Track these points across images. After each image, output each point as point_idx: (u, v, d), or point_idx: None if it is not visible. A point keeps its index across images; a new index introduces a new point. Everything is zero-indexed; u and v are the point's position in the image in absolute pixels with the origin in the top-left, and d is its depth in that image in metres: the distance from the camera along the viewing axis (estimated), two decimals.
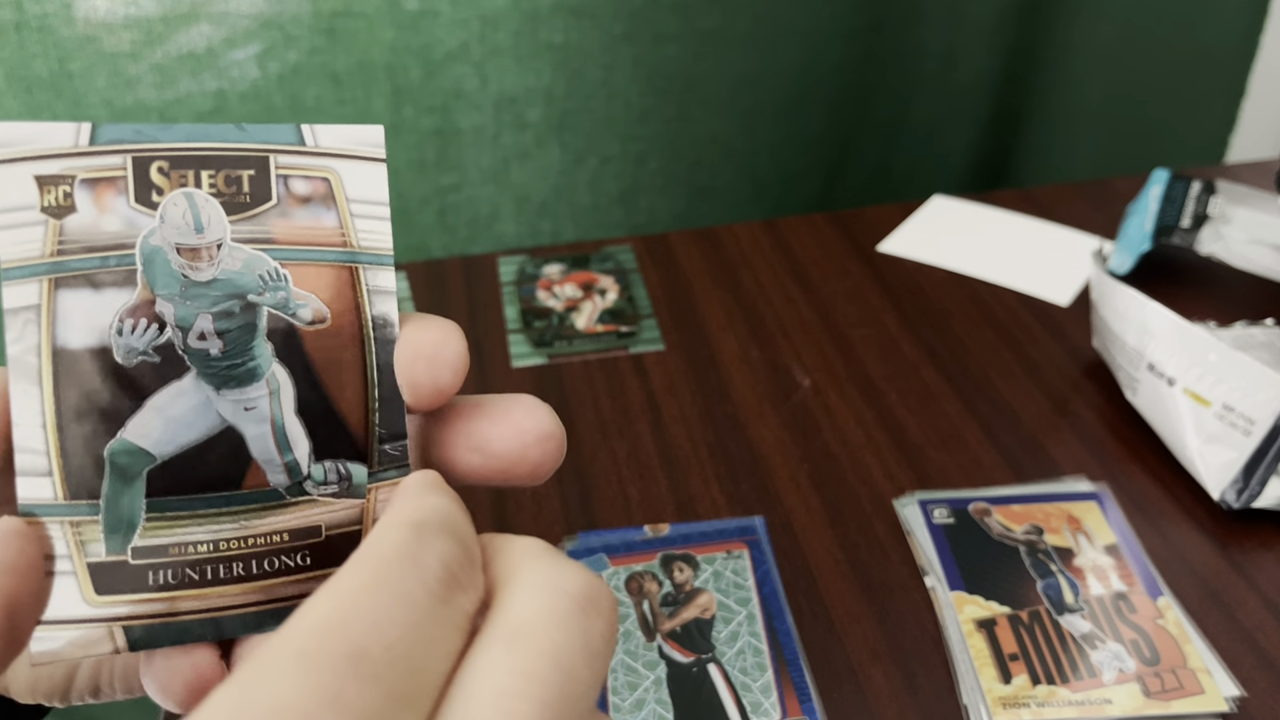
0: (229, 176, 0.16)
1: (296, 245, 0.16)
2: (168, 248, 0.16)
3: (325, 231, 0.16)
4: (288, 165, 0.16)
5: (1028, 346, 0.50)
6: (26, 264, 0.15)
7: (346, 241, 0.16)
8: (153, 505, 0.16)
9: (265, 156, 0.16)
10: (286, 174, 0.16)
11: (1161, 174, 0.56)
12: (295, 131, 0.16)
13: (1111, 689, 0.34)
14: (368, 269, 0.16)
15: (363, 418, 0.16)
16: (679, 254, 0.57)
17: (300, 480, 0.16)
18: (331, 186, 0.16)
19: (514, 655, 0.13)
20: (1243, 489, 0.39)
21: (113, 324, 0.15)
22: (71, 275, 0.15)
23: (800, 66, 0.67)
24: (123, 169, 0.15)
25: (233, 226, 0.16)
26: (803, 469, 0.43)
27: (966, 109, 0.77)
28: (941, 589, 0.37)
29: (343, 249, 0.16)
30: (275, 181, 0.16)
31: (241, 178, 0.16)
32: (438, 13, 0.56)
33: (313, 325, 0.16)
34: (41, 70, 0.52)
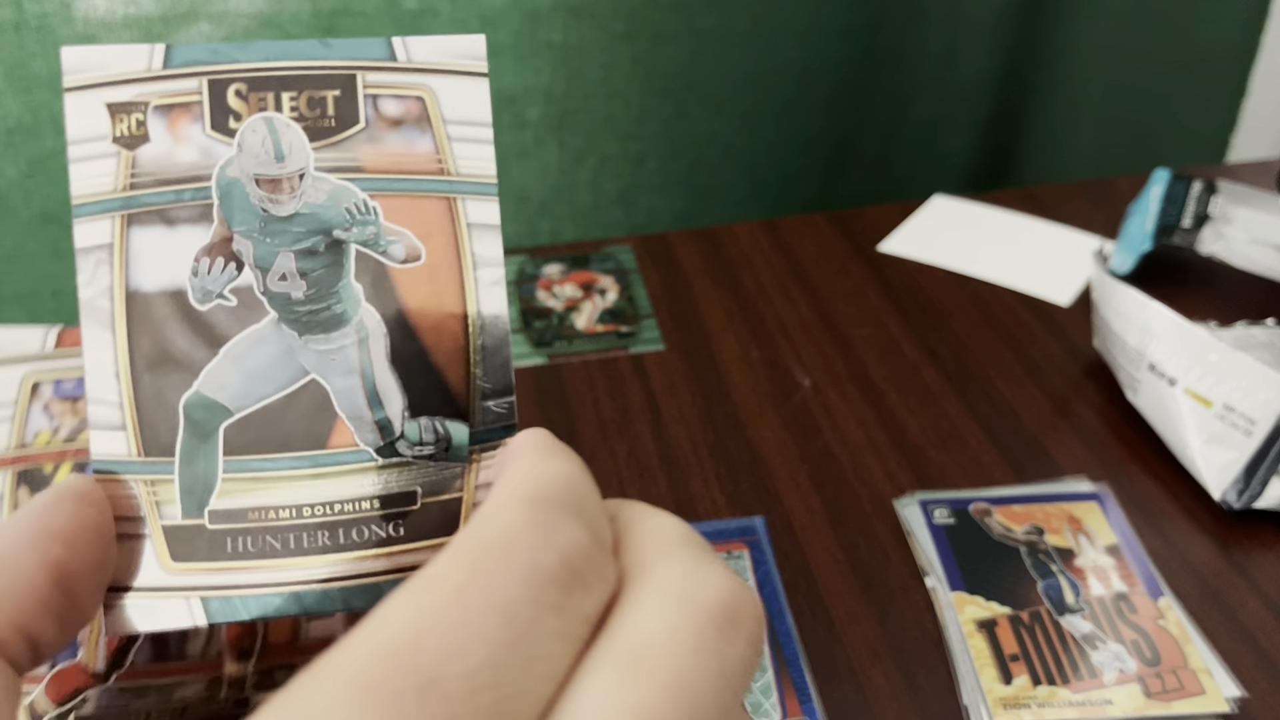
0: (312, 98, 0.14)
1: (388, 174, 0.14)
2: (246, 179, 0.14)
3: (420, 158, 0.14)
4: (377, 84, 0.14)
5: (1028, 346, 0.50)
6: (98, 199, 0.14)
7: (444, 169, 0.14)
8: (231, 465, 0.14)
9: (352, 75, 0.14)
10: (376, 94, 0.14)
11: (1162, 174, 0.56)
12: (385, 45, 0.14)
13: (1112, 690, 0.34)
14: (468, 200, 0.14)
15: (464, 370, 0.14)
16: (679, 254, 0.57)
17: (393, 440, 0.14)
18: (426, 106, 0.14)
19: (628, 685, 0.10)
20: (1244, 489, 0.39)
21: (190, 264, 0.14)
22: (145, 211, 0.14)
23: (800, 66, 0.67)
24: (198, 93, 0.14)
25: (316, 154, 0.14)
26: (803, 469, 0.43)
27: (967, 108, 0.77)
28: (942, 589, 0.37)
29: (440, 177, 0.14)
30: (363, 103, 0.14)
31: (326, 99, 0.14)
32: (437, 12, 0.56)
33: (406, 264, 0.14)
34: (40, 69, 0.51)
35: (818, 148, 0.72)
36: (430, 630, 0.10)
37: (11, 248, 0.56)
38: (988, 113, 0.78)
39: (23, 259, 0.56)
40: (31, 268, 0.57)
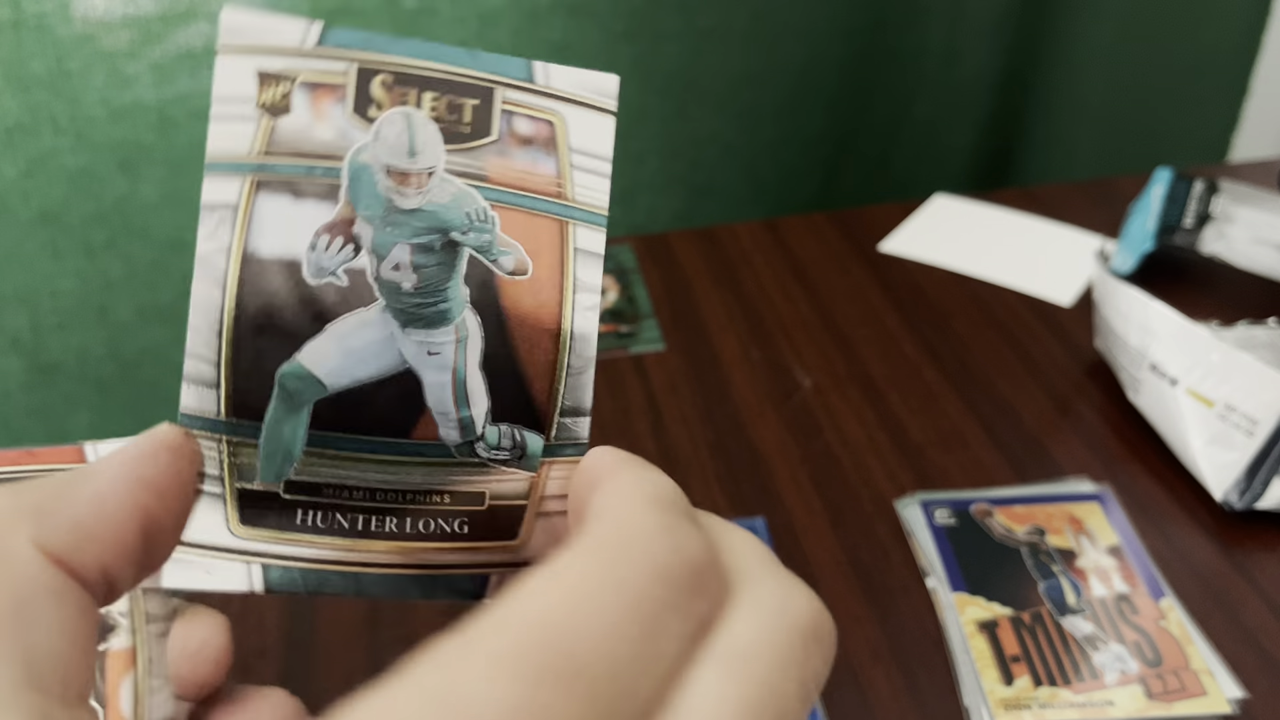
0: (452, 103, 0.15)
1: (510, 188, 0.15)
2: (377, 167, 0.15)
3: (542, 179, 0.15)
4: (514, 101, 0.15)
5: (1030, 347, 0.50)
6: (232, 160, 0.14)
7: (562, 193, 0.15)
8: (314, 439, 0.15)
9: (491, 88, 0.15)
10: (511, 110, 0.15)
11: (1164, 173, 0.56)
12: (526, 67, 0.15)
13: (1114, 690, 0.33)
14: (579, 226, 0.15)
15: (548, 385, 0.15)
16: (679, 253, 0.57)
17: (472, 440, 0.15)
18: (555, 131, 0.15)
19: (733, 683, 0.11)
20: (1245, 490, 0.39)
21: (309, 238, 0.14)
22: (275, 179, 0.14)
23: (800, 65, 0.67)
24: (345, 76, 0.14)
25: (447, 156, 0.15)
26: (804, 469, 0.43)
27: (968, 108, 0.76)
28: (943, 590, 0.37)
29: (557, 200, 0.15)
30: (498, 116, 0.15)
31: (464, 106, 0.15)
32: (436, 11, 0.56)
33: (513, 276, 0.15)
34: (39, 69, 0.51)
35: (818, 147, 0.72)
36: (578, 615, 0.11)
37: (10, 247, 0.56)
38: (989, 112, 0.78)
39: (21, 258, 0.56)
40: (30, 267, 0.56)
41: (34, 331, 0.58)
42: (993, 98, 0.77)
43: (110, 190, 0.55)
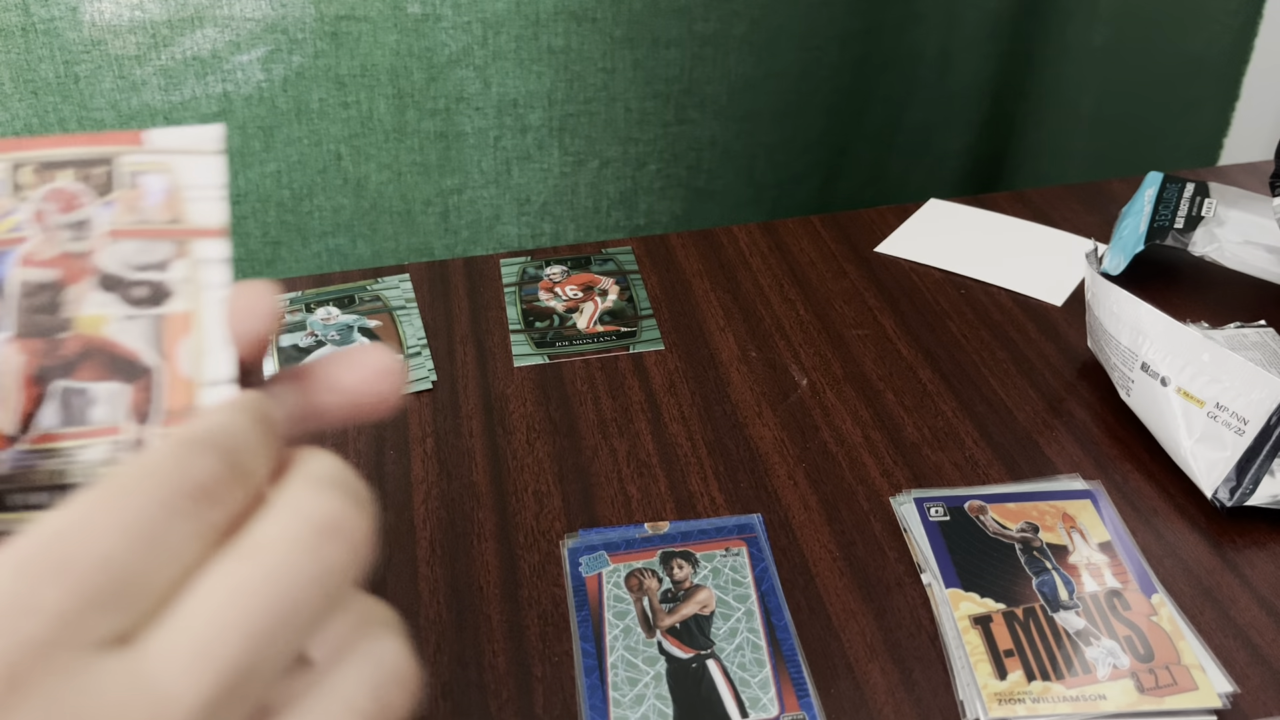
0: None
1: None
2: None
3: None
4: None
5: (1023, 347, 0.50)
6: None
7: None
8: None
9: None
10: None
11: (1155, 176, 0.56)
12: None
13: (1106, 685, 0.34)
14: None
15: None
16: (678, 255, 0.57)
17: None
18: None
19: (239, 569, 0.14)
20: (1236, 487, 0.40)
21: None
22: None
23: (798, 71, 0.68)
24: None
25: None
26: (800, 467, 0.43)
27: (962, 112, 0.77)
28: (937, 586, 0.37)
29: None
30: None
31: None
32: (440, 17, 0.57)
33: None
34: (48, 73, 0.52)
35: (815, 151, 0.73)
36: (73, 524, 0.14)
37: None
38: (982, 117, 0.78)
39: None
40: None
41: None
42: (986, 103, 0.78)
43: None
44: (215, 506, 0.15)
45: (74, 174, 0.19)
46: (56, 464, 0.18)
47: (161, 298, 0.19)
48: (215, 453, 0.15)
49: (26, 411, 0.18)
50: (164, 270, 0.19)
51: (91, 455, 0.18)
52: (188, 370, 0.19)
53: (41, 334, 0.19)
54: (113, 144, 0.19)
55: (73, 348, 0.19)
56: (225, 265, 0.19)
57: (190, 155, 0.19)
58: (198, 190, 0.19)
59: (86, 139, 0.19)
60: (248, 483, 0.15)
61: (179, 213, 0.19)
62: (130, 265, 0.19)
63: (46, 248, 0.19)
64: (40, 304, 0.19)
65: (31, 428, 0.18)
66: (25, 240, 0.19)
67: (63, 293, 0.19)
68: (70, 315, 0.19)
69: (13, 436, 0.18)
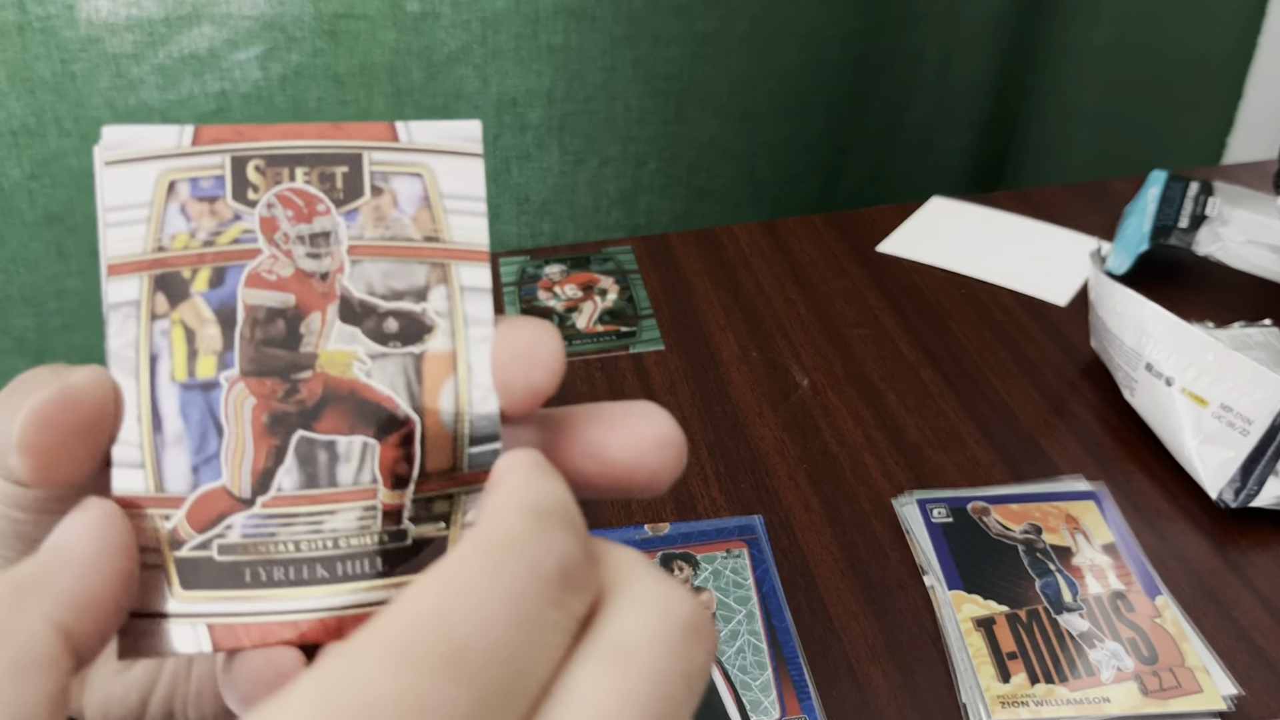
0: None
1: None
2: None
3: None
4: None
5: (1025, 347, 0.50)
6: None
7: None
8: None
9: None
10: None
11: (1159, 175, 0.56)
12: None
13: (1109, 688, 0.34)
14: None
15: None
16: (678, 255, 0.57)
17: None
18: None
19: (617, 674, 0.12)
20: (1240, 488, 0.39)
21: None
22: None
23: (798, 69, 0.68)
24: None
25: None
26: (801, 468, 0.43)
27: (964, 111, 0.77)
28: (940, 588, 0.37)
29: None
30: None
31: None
32: (439, 15, 0.56)
33: None
34: (45, 72, 0.52)
35: (816, 150, 0.73)
36: (459, 608, 0.12)
37: (16, 248, 0.56)
38: (985, 115, 0.78)
39: (27, 259, 0.57)
40: (36, 268, 0.57)
41: (39, 332, 0.59)
42: (988, 101, 0.77)
43: None
44: (578, 594, 0.13)
45: (309, 173, 0.16)
46: (298, 533, 0.15)
47: (418, 333, 0.16)
48: (572, 531, 0.13)
49: (261, 468, 0.15)
50: (421, 299, 0.16)
51: (340, 524, 0.15)
52: (449, 424, 0.15)
53: (276, 373, 0.15)
54: (359, 137, 0.16)
55: (314, 391, 0.15)
56: (489, 295, 0.16)
57: (449, 156, 0.16)
58: (458, 200, 0.16)
59: (324, 129, 0.16)
60: (597, 567, 0.13)
61: (436, 228, 0.16)
62: (381, 291, 0.16)
63: (279, 265, 0.16)
64: (273, 335, 0.15)
65: (268, 488, 0.15)
66: (255, 255, 0.16)
67: (301, 322, 0.16)
68: (311, 350, 0.15)
69: (246, 499, 0.15)
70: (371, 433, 0.16)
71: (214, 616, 0.15)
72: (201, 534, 0.15)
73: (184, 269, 0.16)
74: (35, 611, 0.13)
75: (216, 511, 0.15)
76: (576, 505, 0.14)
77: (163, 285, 0.16)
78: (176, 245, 0.16)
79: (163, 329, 0.16)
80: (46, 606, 0.13)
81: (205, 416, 0.15)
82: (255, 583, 0.15)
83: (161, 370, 0.15)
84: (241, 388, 0.15)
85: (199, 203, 0.16)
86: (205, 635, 0.15)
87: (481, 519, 0.13)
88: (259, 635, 0.15)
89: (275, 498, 0.15)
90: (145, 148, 0.16)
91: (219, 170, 0.16)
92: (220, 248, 0.16)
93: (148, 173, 0.16)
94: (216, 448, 0.15)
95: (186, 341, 0.16)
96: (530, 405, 0.16)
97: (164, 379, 0.15)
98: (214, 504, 0.15)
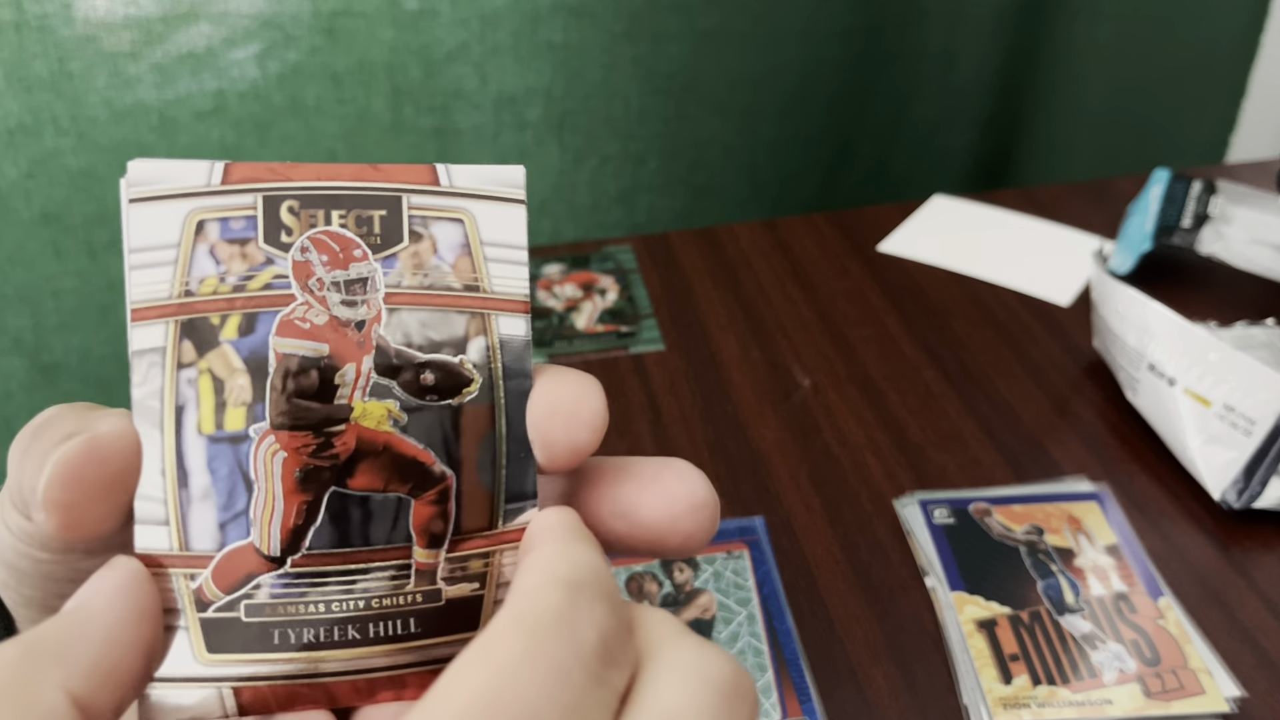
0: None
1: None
2: None
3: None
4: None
5: (1028, 346, 0.50)
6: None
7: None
8: None
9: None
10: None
11: (1162, 174, 0.56)
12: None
13: (1112, 689, 0.34)
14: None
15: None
16: (679, 254, 0.57)
17: None
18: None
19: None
20: (1243, 489, 0.39)
21: None
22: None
23: (800, 66, 0.67)
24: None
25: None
26: (803, 469, 0.43)
27: (966, 109, 0.77)
28: (942, 589, 0.37)
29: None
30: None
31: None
32: (437, 12, 0.56)
33: None
34: (41, 70, 0.51)
35: (818, 148, 0.72)
36: (509, 690, 0.11)
37: (12, 248, 0.56)
38: (987, 113, 0.78)
39: (23, 259, 0.56)
40: (32, 267, 0.57)
41: (36, 332, 0.58)
42: (991, 99, 0.77)
43: (112, 191, 0.55)
44: (619, 669, 0.12)
45: (345, 215, 0.15)
46: (329, 594, 0.15)
47: (456, 386, 0.15)
48: (608, 603, 0.13)
49: (292, 526, 0.15)
50: (459, 350, 0.15)
51: (372, 584, 0.15)
52: (486, 481, 0.15)
53: (309, 426, 0.15)
54: (398, 179, 0.15)
55: (347, 445, 0.15)
56: (529, 347, 0.16)
57: (491, 201, 0.15)
58: (499, 249, 0.15)
59: (362, 171, 0.15)
60: (633, 637, 0.13)
61: (477, 276, 0.15)
62: (418, 342, 0.15)
63: (313, 313, 0.15)
64: (306, 387, 0.15)
65: (299, 546, 0.15)
66: (287, 301, 0.15)
67: (336, 373, 0.15)
68: (345, 402, 0.15)
69: (275, 558, 0.15)
70: (407, 489, 0.15)
71: (240, 680, 0.14)
72: (228, 594, 0.15)
73: (213, 315, 0.15)
74: (53, 683, 0.12)
75: (244, 571, 0.15)
76: (610, 572, 0.14)
77: (190, 332, 0.15)
78: (205, 290, 0.15)
79: (189, 378, 0.15)
80: (64, 678, 0.12)
81: (233, 471, 0.15)
82: (284, 645, 0.15)
83: (188, 422, 0.15)
84: (272, 441, 0.15)
85: (229, 245, 0.15)
86: (232, 699, 0.14)
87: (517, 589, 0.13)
88: (288, 699, 0.15)
89: (306, 556, 0.15)
90: (173, 185, 0.15)
91: (251, 210, 0.15)
92: (251, 293, 0.15)
93: (175, 212, 0.15)
94: (245, 504, 0.15)
95: (214, 392, 0.15)
96: (572, 463, 0.15)
97: (190, 431, 0.15)
98: (242, 563, 0.15)
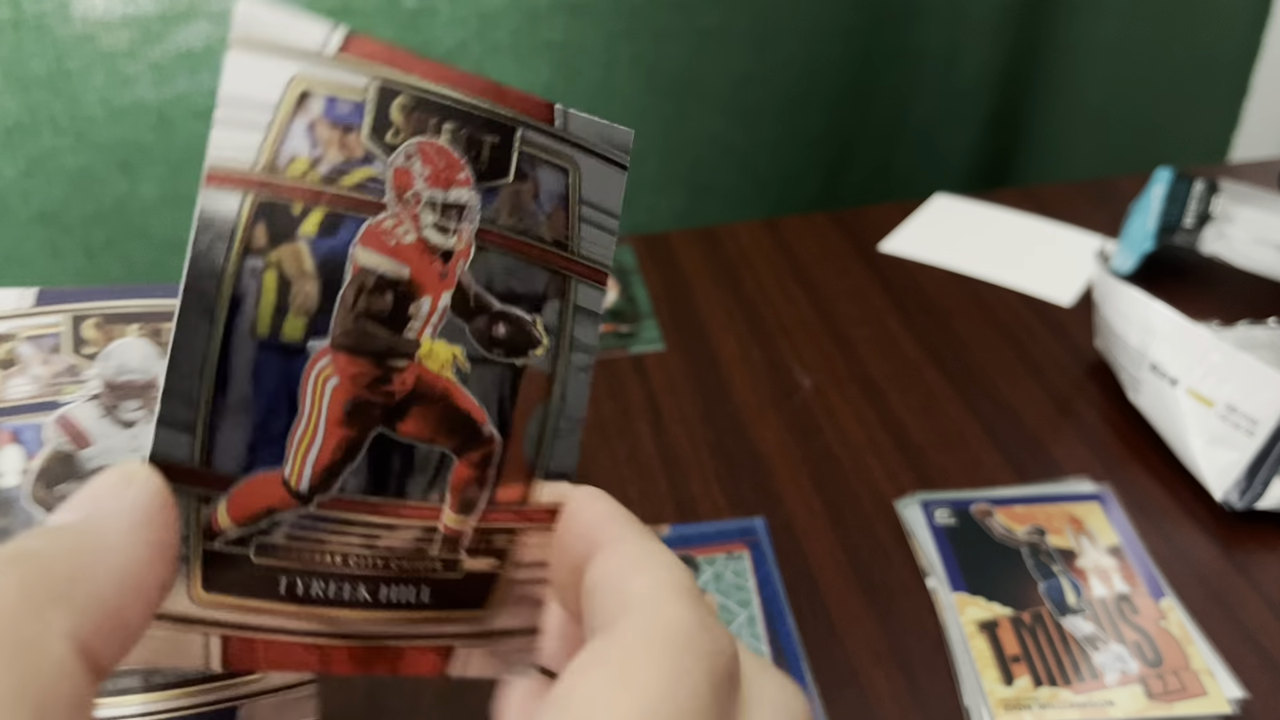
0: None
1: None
2: None
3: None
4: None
5: (1030, 346, 0.50)
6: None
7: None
8: None
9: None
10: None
11: (1164, 173, 0.56)
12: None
13: (1114, 691, 0.33)
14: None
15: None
16: (679, 254, 0.57)
17: None
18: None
19: None
20: (1246, 490, 0.39)
21: None
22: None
23: (800, 65, 0.67)
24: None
25: None
26: (804, 470, 0.43)
27: (968, 108, 0.76)
28: (943, 590, 0.37)
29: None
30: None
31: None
32: (436, 11, 0.56)
33: None
34: (39, 69, 0.51)
35: (819, 147, 0.72)
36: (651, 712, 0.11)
37: (10, 247, 0.56)
38: (989, 112, 0.78)
39: (21, 258, 0.56)
40: (30, 267, 0.56)
41: None
42: (993, 98, 0.77)
43: (110, 190, 0.55)
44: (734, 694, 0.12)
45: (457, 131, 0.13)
46: (349, 544, 0.13)
47: (524, 346, 0.14)
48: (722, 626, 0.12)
49: (328, 462, 0.13)
50: (535, 308, 0.14)
51: (396, 542, 0.13)
52: (530, 452, 0.14)
53: (372, 354, 0.13)
54: (517, 107, 0.14)
55: (405, 384, 0.13)
56: (599, 323, 0.14)
57: (598, 160, 0.14)
58: (594, 211, 0.14)
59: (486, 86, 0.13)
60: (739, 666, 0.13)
61: (569, 234, 0.14)
62: (499, 289, 0.14)
63: (401, 229, 0.13)
64: (379, 309, 0.13)
65: (330, 486, 0.13)
66: (378, 209, 0.13)
67: (412, 302, 0.13)
68: (413, 337, 0.13)
69: (302, 494, 0.13)
70: (453, 445, 0.14)
71: (233, 628, 0.13)
72: (242, 527, 0.13)
73: (295, 203, 0.13)
74: (58, 631, 0.11)
75: (265, 503, 0.13)
76: None
77: (267, 214, 0.13)
78: (293, 172, 0.13)
79: (254, 268, 0.13)
80: (72, 624, 0.11)
81: (280, 387, 0.13)
82: (290, 596, 0.13)
83: (242, 319, 0.12)
84: (328, 362, 0.13)
85: (331, 128, 0.13)
86: (217, 650, 0.13)
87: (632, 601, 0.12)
88: (278, 657, 0.13)
89: (335, 499, 0.13)
90: (285, 37, 0.13)
91: (361, 95, 0.13)
92: (342, 190, 0.13)
93: (281, 71, 0.13)
94: (284, 427, 0.13)
95: (279, 292, 0.13)
96: None
97: (242, 330, 0.12)
98: (265, 494, 0.13)
